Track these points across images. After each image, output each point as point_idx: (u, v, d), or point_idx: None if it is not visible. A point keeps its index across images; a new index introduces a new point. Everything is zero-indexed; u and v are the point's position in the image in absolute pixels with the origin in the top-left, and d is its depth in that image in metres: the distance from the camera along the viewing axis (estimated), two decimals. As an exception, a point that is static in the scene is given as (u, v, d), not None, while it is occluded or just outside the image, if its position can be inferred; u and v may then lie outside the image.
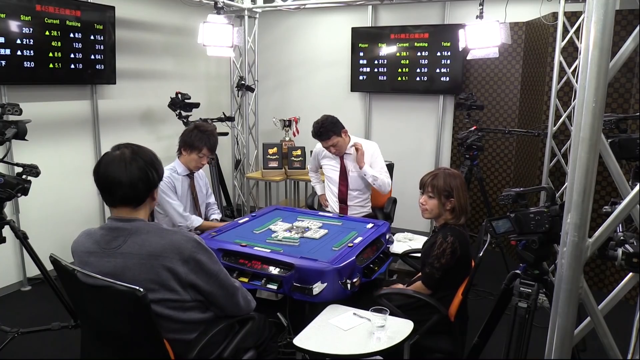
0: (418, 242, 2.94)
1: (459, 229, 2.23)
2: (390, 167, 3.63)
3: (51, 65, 3.53)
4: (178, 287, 1.54)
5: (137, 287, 1.39)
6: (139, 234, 1.55)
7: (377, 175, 3.23)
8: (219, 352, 1.73)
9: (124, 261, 1.52)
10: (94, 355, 1.72)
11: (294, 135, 4.98)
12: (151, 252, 1.51)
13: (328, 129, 3.18)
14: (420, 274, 2.41)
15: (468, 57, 3.45)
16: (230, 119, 4.77)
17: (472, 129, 3.67)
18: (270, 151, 4.62)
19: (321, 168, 3.58)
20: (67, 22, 3.58)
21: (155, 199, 1.64)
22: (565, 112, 3.66)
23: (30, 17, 3.34)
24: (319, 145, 3.44)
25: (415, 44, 4.63)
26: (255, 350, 1.92)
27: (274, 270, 2.22)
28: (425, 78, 4.66)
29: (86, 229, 1.68)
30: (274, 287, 2.18)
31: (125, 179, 1.52)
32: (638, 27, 1.13)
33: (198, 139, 2.86)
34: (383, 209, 3.55)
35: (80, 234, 1.67)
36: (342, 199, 3.38)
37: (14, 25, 3.26)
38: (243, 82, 5.13)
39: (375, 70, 4.86)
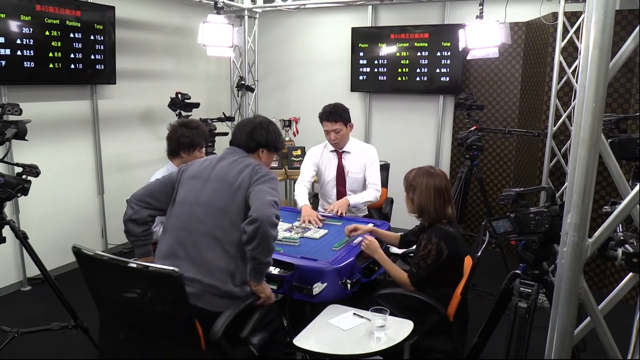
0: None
1: (445, 229, 2.19)
2: (385, 167, 3.60)
3: (51, 65, 3.53)
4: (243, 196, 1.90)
5: (173, 268, 1.54)
6: (247, 158, 2.04)
7: (364, 198, 3.15)
8: (238, 329, 1.83)
9: (228, 163, 2.00)
10: (120, 340, 1.80)
11: (294, 135, 4.98)
12: (249, 164, 1.99)
13: (339, 112, 3.14)
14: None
15: (468, 57, 3.45)
16: (230, 119, 4.77)
17: (472, 129, 3.67)
18: (270, 151, 4.61)
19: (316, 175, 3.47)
20: (67, 22, 3.58)
21: (261, 158, 2.11)
22: (565, 112, 3.66)
23: (30, 17, 3.34)
24: (314, 150, 3.37)
25: (415, 44, 4.63)
26: (267, 333, 1.99)
27: (274, 270, 2.22)
28: (425, 78, 4.66)
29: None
30: (274, 287, 2.18)
31: (242, 131, 2.10)
32: (638, 27, 1.13)
33: (195, 135, 2.84)
34: (381, 209, 3.54)
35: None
36: None
37: (14, 25, 3.26)
38: (243, 82, 5.13)
39: (375, 70, 4.86)
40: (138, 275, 1.62)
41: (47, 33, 3.46)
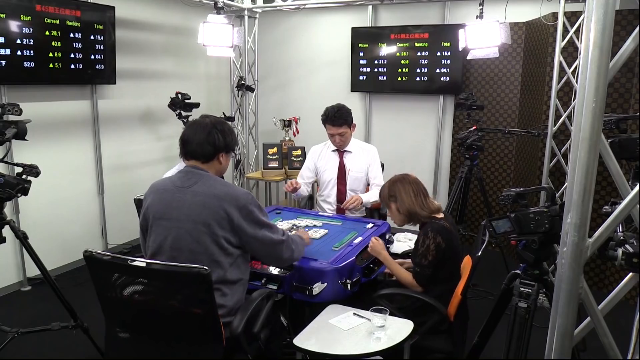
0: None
1: (440, 223, 2.24)
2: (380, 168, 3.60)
3: (51, 65, 3.53)
4: (228, 227, 1.82)
5: (203, 266, 1.56)
6: (208, 179, 1.88)
7: (372, 198, 3.17)
8: (250, 325, 1.86)
9: (192, 198, 1.83)
10: (137, 343, 1.81)
11: (294, 135, 4.98)
12: (216, 194, 1.82)
13: (344, 116, 3.13)
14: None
15: (468, 57, 3.45)
16: (230, 119, 4.77)
17: (472, 129, 3.67)
18: (270, 151, 4.62)
19: (316, 176, 3.45)
20: (67, 22, 3.58)
21: (222, 162, 1.97)
22: (565, 112, 3.66)
23: (30, 17, 3.34)
24: (314, 149, 3.39)
25: (415, 44, 4.63)
26: (268, 329, 2.01)
27: (274, 270, 2.22)
28: (425, 78, 4.65)
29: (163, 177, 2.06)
30: (274, 287, 2.18)
31: (196, 139, 1.91)
32: (638, 27, 1.13)
33: None
34: (380, 210, 3.53)
35: (159, 179, 2.02)
36: (340, 199, 3.34)
37: (14, 25, 3.26)
38: (243, 82, 5.13)
39: (375, 70, 4.86)
40: (165, 276, 1.63)
41: (47, 33, 3.46)
